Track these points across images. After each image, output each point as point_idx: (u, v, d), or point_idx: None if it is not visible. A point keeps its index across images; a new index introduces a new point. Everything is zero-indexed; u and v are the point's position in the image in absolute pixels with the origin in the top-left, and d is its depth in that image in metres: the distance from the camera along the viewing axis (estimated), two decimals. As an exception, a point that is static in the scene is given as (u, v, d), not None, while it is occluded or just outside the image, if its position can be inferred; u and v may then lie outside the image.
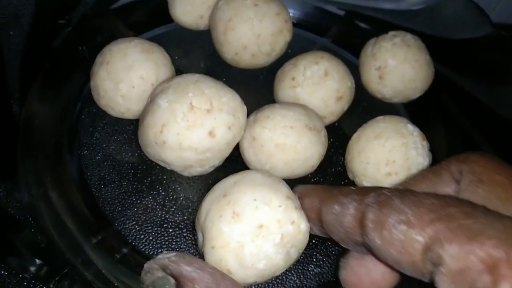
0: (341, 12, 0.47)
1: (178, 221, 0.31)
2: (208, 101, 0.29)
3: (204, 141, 0.28)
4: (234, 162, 0.33)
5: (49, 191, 0.30)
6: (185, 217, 0.31)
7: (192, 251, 0.29)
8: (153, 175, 0.33)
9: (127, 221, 0.30)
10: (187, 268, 0.17)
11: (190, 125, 0.28)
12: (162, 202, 0.31)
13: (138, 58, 0.31)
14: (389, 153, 0.30)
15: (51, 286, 0.26)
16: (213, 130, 0.28)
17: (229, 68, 0.40)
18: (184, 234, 0.30)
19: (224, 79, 0.32)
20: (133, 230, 0.30)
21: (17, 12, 0.38)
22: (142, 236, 0.30)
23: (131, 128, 0.35)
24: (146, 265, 0.18)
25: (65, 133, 0.34)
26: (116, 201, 0.31)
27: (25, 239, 0.27)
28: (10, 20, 0.37)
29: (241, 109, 0.30)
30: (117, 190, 0.32)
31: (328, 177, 0.34)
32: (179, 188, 0.32)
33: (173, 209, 0.31)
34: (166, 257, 0.17)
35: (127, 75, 0.31)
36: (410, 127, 0.31)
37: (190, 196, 0.32)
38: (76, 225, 0.29)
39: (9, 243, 0.27)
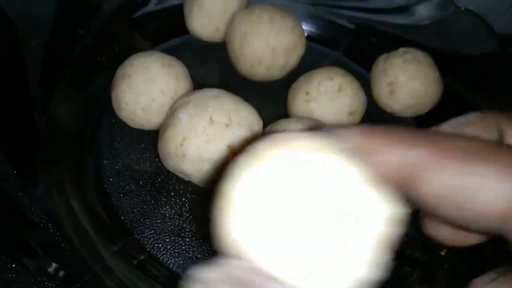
0: (352, 26, 0.48)
1: (194, 230, 0.32)
2: (227, 116, 0.30)
3: (222, 155, 0.29)
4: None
5: (70, 199, 0.31)
6: (200, 227, 0.32)
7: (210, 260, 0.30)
8: (170, 185, 0.34)
9: (146, 230, 0.31)
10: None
11: (209, 139, 0.29)
12: (179, 212, 0.32)
13: (158, 72, 0.32)
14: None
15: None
16: (232, 143, 0.29)
17: (243, 80, 0.41)
18: (200, 243, 0.31)
19: (239, 91, 0.33)
20: (151, 239, 0.31)
21: (38, 22, 0.39)
22: (160, 245, 0.31)
23: (148, 139, 0.36)
24: (199, 275, 0.14)
25: (85, 142, 0.35)
26: (135, 210, 0.32)
27: (48, 247, 0.28)
28: (31, 30, 0.38)
29: (258, 123, 0.31)
30: (135, 199, 0.33)
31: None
32: (195, 199, 0.33)
33: (190, 219, 0.32)
34: (233, 266, 0.14)
35: (148, 88, 0.32)
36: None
37: (206, 206, 0.33)
38: (96, 233, 0.30)
39: (33, 250, 0.28)
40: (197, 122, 0.29)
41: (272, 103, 0.40)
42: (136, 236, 0.31)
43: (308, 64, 0.41)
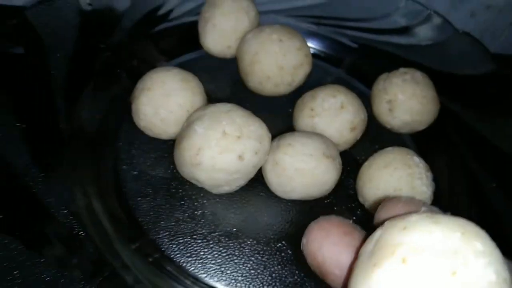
0: (355, 45, 0.51)
1: (205, 233, 0.34)
2: (239, 129, 0.32)
3: (234, 164, 0.32)
4: (257, 182, 0.36)
5: (92, 201, 0.34)
6: (211, 230, 0.35)
7: (220, 260, 0.33)
8: (184, 191, 0.36)
9: (160, 231, 0.34)
10: None
11: (222, 149, 0.32)
12: (191, 216, 0.35)
13: (176, 87, 0.35)
14: (396, 181, 0.34)
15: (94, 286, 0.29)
16: (242, 154, 0.32)
17: (251, 95, 0.44)
18: (211, 246, 0.34)
19: (247, 105, 0.35)
20: (166, 239, 0.34)
21: (63, 36, 0.42)
22: (173, 245, 0.33)
23: (164, 147, 0.38)
24: None
25: (106, 148, 0.38)
26: (151, 213, 0.35)
27: (72, 243, 0.31)
28: (57, 43, 0.41)
29: (267, 136, 0.34)
30: (151, 202, 0.35)
31: (339, 199, 0.38)
32: (207, 204, 0.36)
33: (201, 223, 0.35)
34: None
35: (166, 101, 0.35)
36: (416, 159, 0.35)
37: (217, 212, 0.36)
38: (115, 232, 0.33)
39: (57, 246, 0.31)
40: (211, 134, 0.32)
41: (278, 117, 0.43)
42: (151, 237, 0.33)
43: (312, 80, 0.44)
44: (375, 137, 0.42)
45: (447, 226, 0.14)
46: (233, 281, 0.32)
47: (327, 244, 0.18)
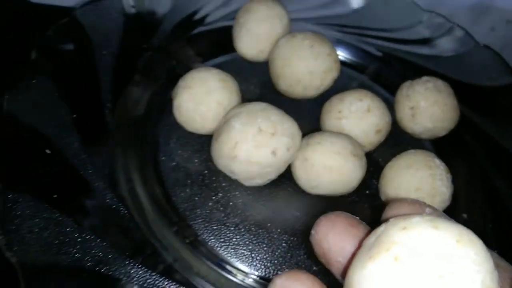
0: (379, 54, 0.54)
1: (237, 222, 0.37)
2: (273, 126, 0.35)
3: (267, 158, 0.35)
4: (285, 178, 0.39)
5: (135, 186, 0.37)
6: (243, 219, 0.37)
7: (251, 247, 0.36)
8: (218, 182, 0.39)
9: (196, 218, 0.37)
10: None
11: (257, 144, 0.35)
12: (224, 205, 0.38)
13: (216, 86, 0.38)
14: (418, 181, 0.36)
15: (137, 263, 0.32)
16: (276, 150, 0.35)
17: (280, 97, 0.46)
18: (242, 233, 0.36)
19: (277, 106, 0.38)
20: (201, 226, 0.36)
21: (109, 36, 0.46)
22: (208, 231, 0.36)
23: (200, 141, 0.41)
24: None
25: (147, 140, 0.41)
26: (188, 201, 0.38)
27: (120, 224, 0.34)
28: (103, 41, 0.45)
29: (298, 134, 0.37)
30: (188, 191, 0.38)
31: (362, 197, 0.40)
32: (238, 195, 0.39)
33: (233, 212, 0.37)
34: None
35: (206, 99, 0.38)
36: (437, 161, 0.37)
37: (248, 203, 0.38)
38: (156, 216, 0.36)
39: (107, 228, 0.34)
40: (248, 129, 0.35)
41: (305, 118, 0.45)
42: (188, 222, 0.36)
43: (338, 85, 0.46)
44: (397, 140, 0.44)
45: (444, 231, 0.14)
46: (262, 267, 0.35)
47: (333, 233, 0.19)
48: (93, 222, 0.33)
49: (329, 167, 0.36)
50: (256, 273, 0.35)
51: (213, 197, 0.38)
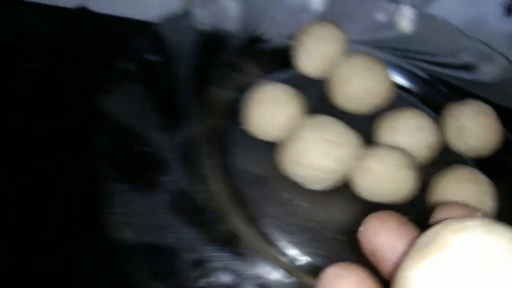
0: (426, 76, 0.58)
1: (299, 221, 0.41)
2: (337, 137, 0.40)
3: (331, 166, 0.39)
4: (343, 184, 0.43)
5: (209, 185, 0.42)
6: (305, 219, 0.42)
7: (313, 244, 0.40)
8: (282, 185, 0.43)
9: (263, 217, 0.41)
10: None
11: (323, 153, 0.39)
12: (290, 205, 0.42)
13: (285, 99, 0.43)
14: (465, 195, 0.40)
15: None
16: (339, 158, 0.39)
17: (335, 111, 0.51)
18: (305, 232, 0.41)
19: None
20: (268, 222, 0.41)
21: (184, 49, 0.51)
22: (274, 227, 0.41)
23: (264, 147, 0.46)
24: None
25: (216, 144, 0.46)
26: (254, 201, 0.42)
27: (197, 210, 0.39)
28: (181, 54, 0.50)
29: (359, 145, 0.41)
30: (254, 193, 0.43)
31: (412, 207, 0.44)
32: (301, 197, 0.43)
33: (296, 212, 0.42)
34: None
35: (275, 110, 0.43)
36: (483, 177, 0.41)
37: (309, 205, 0.43)
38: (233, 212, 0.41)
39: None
40: (314, 139, 0.39)
41: (359, 131, 0.50)
42: (257, 218, 0.41)
43: (389, 103, 0.50)
44: (443, 157, 0.48)
45: (500, 236, 0.14)
46: (322, 263, 0.39)
47: (384, 231, 0.19)
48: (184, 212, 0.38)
49: (386, 176, 0.40)
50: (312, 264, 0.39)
51: (278, 198, 0.43)
